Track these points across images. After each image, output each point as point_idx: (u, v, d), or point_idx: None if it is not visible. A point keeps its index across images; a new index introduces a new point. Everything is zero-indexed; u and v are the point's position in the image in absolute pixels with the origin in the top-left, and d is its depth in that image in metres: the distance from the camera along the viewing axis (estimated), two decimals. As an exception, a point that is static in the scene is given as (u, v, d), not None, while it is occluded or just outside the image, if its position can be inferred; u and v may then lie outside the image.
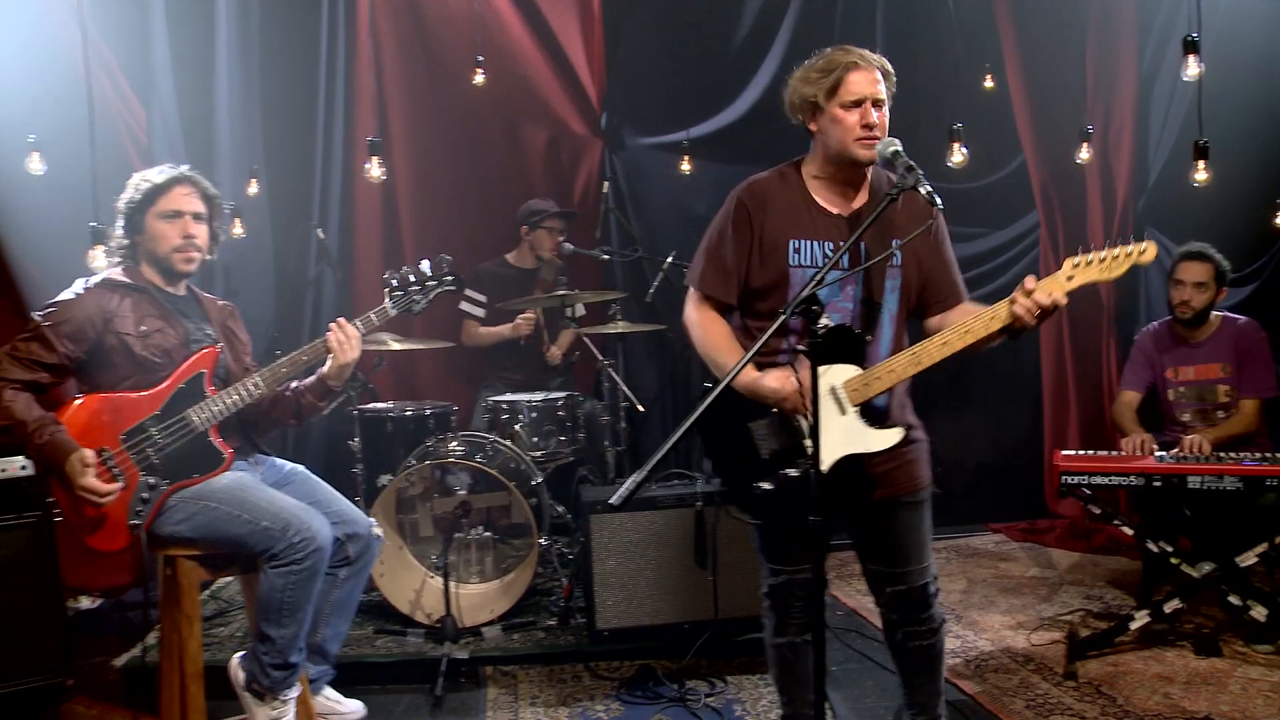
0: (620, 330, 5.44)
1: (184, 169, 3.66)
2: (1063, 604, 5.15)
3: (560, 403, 5.36)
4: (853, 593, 5.27)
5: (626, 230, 6.37)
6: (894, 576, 3.11)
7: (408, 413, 5.35)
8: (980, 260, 6.88)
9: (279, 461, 3.78)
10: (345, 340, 3.54)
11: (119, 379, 3.40)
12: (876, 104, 2.93)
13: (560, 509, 5.65)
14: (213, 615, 5.05)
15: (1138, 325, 5.52)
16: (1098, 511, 4.39)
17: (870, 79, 2.93)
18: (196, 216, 3.59)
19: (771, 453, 2.93)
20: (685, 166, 6.36)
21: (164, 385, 3.40)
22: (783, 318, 2.50)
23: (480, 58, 5.86)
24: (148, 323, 3.46)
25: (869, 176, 3.08)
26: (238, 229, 5.63)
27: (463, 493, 4.97)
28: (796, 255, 2.99)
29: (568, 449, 5.37)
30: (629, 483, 2.31)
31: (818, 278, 2.54)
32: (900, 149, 2.80)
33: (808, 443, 2.80)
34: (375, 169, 5.02)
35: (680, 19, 6.57)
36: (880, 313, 3.01)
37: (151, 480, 3.34)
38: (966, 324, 2.83)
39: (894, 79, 3.01)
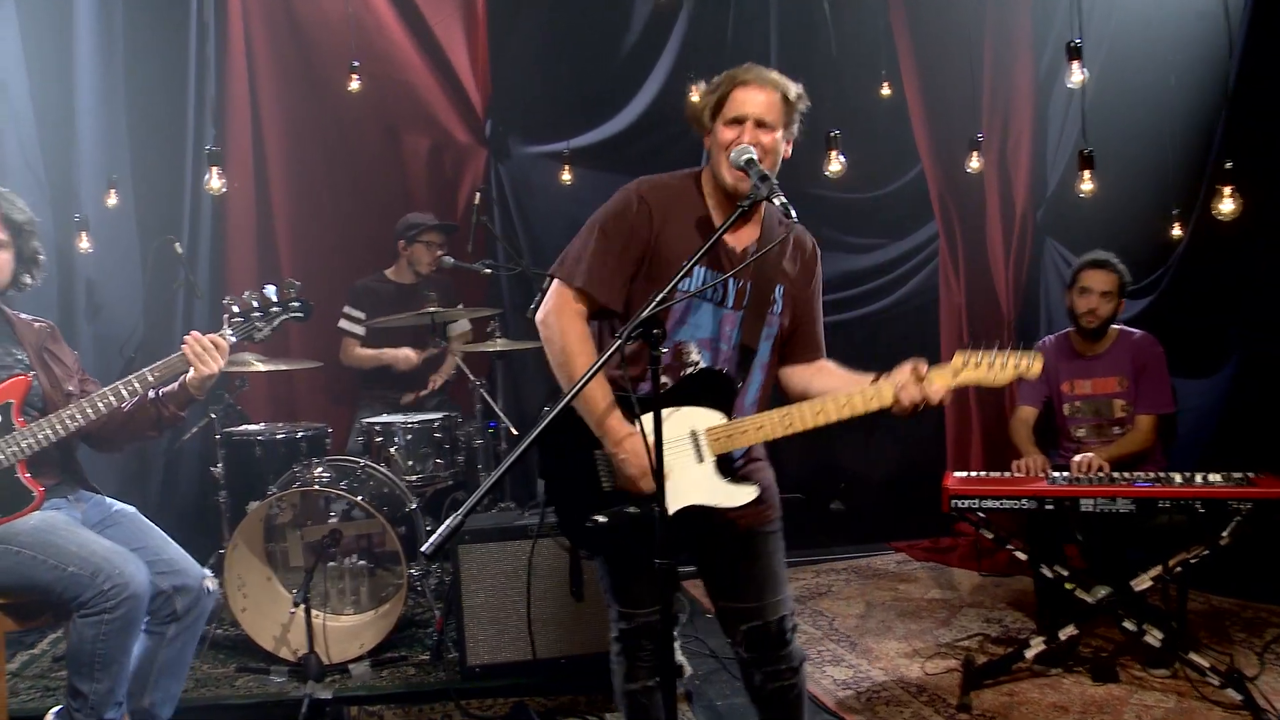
0: (500, 348, 5.20)
1: None
2: (961, 628, 4.99)
3: (437, 424, 5.09)
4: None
5: (506, 243, 6.13)
6: (748, 612, 2.92)
7: (278, 436, 5.07)
8: (879, 272, 6.75)
9: (106, 500, 3.48)
10: (202, 352, 3.27)
11: (-90, 411, 3.09)
12: (761, 124, 2.73)
13: (443, 534, 5.39)
14: (63, 657, 4.71)
15: (1038, 340, 5.40)
16: (990, 536, 4.23)
17: (760, 98, 2.74)
18: None
19: (615, 486, 2.74)
20: (566, 176, 6.15)
21: (-39, 418, 3.10)
22: (618, 342, 2.29)
23: (356, 62, 5.59)
24: (-57, 349, 3.16)
25: (761, 212, 2.88)
26: (84, 243, 5.29)
27: (335, 519, 4.69)
28: (687, 279, 2.74)
29: (445, 472, 5.11)
30: (443, 528, 2.06)
31: (658, 298, 2.33)
32: (755, 157, 2.61)
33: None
34: (215, 180, 4.67)
35: (568, 24, 6.36)
36: (754, 360, 2.86)
37: (-54, 522, 3.04)
38: (848, 398, 2.70)
39: (800, 105, 2.81)
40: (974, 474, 4.42)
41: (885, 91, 6.26)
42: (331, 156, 6.20)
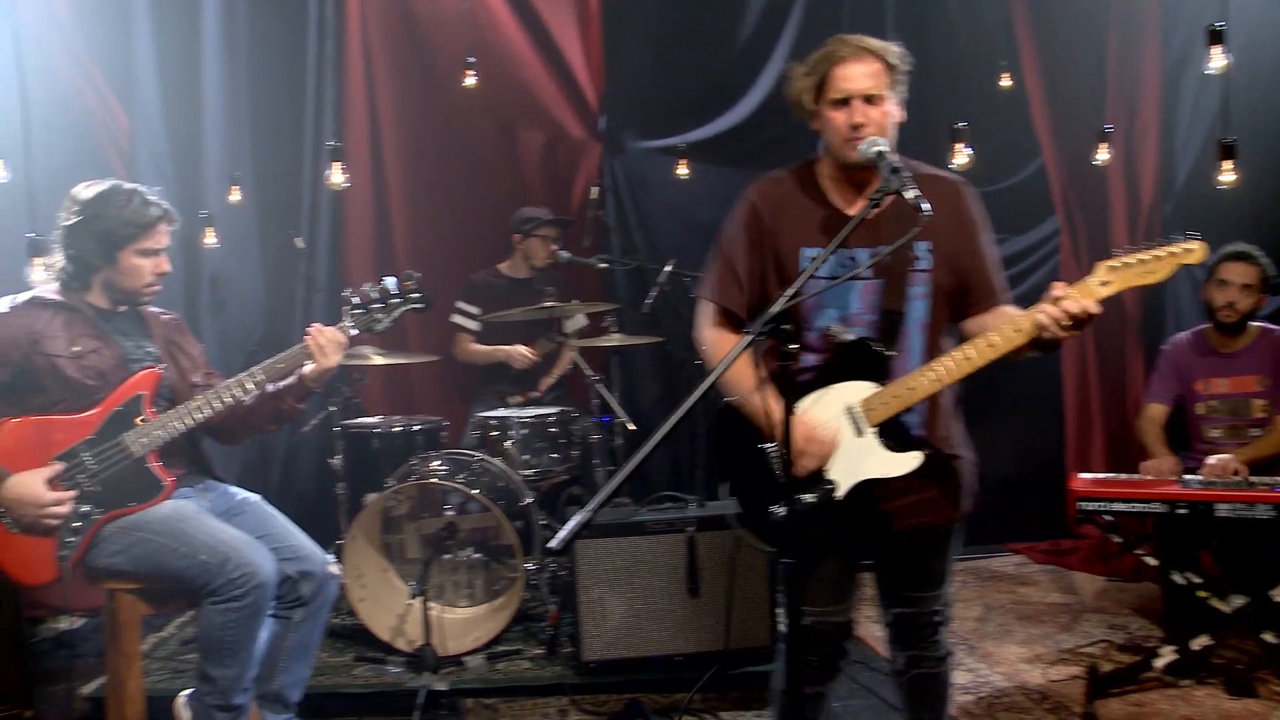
0: (615, 343, 5.19)
1: (162, 202, 3.42)
2: (1084, 634, 4.85)
3: (553, 419, 5.10)
4: (860, 619, 4.97)
5: (621, 237, 6.11)
6: (901, 599, 2.90)
7: (395, 429, 5.13)
8: (997, 268, 6.56)
9: (231, 489, 3.56)
10: (325, 344, 3.35)
11: (50, 403, 3.20)
12: (870, 99, 2.65)
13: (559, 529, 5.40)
14: (192, 639, 4.83)
15: (1165, 337, 5.22)
16: (1118, 540, 4.09)
17: (861, 71, 2.66)
18: (167, 249, 3.42)
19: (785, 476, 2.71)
20: (682, 171, 6.09)
21: (99, 408, 3.19)
22: (750, 337, 2.24)
23: (472, 59, 5.64)
24: (81, 343, 3.25)
25: (876, 179, 2.79)
26: (210, 238, 5.42)
27: (451, 512, 4.73)
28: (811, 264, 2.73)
29: (560, 467, 5.12)
30: (573, 522, 2.05)
31: (788, 294, 2.28)
32: (884, 149, 2.55)
33: (828, 467, 2.64)
34: (337, 175, 4.74)
35: (682, 17, 6.30)
36: (904, 323, 2.74)
37: (84, 509, 3.13)
38: (989, 336, 2.57)
39: (902, 66, 2.72)
40: (1101, 475, 4.29)
41: (1005, 83, 6.11)
42: (446, 152, 6.24)
